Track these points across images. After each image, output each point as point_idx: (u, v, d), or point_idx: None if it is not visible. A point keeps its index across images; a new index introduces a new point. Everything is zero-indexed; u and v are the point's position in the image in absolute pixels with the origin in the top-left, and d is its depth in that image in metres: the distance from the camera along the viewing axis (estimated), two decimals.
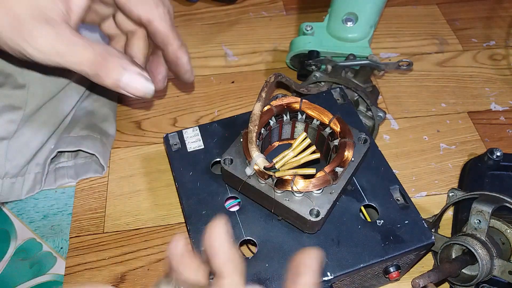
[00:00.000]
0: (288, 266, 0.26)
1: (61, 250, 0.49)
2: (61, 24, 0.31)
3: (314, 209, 0.35)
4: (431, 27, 0.72)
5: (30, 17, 0.30)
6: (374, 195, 0.40)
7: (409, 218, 0.39)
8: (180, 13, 0.74)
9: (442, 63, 0.67)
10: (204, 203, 0.40)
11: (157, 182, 0.54)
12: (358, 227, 0.38)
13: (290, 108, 0.41)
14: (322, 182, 0.36)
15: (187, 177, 0.42)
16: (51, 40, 0.31)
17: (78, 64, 0.32)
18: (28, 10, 0.30)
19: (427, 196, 0.53)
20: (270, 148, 0.44)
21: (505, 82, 0.64)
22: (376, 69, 0.55)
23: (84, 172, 0.54)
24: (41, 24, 0.31)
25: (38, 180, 0.52)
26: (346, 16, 0.59)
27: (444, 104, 0.62)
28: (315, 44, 0.58)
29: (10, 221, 0.51)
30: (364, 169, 0.42)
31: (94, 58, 0.32)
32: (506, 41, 0.70)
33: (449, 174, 0.54)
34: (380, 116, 0.52)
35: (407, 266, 0.42)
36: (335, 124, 0.40)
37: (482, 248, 0.39)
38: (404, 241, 0.37)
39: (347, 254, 0.37)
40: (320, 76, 0.53)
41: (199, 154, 0.43)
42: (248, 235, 0.38)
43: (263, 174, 0.36)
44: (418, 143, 0.58)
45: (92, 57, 0.32)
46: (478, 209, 0.40)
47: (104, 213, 0.51)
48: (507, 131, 0.59)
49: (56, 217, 0.51)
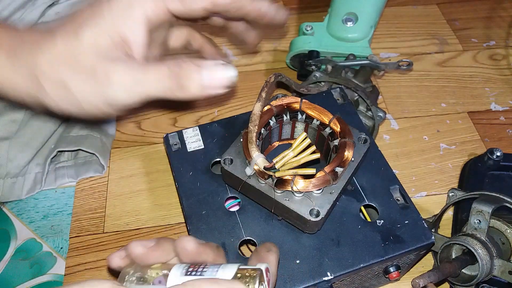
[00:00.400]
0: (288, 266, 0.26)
1: (61, 250, 0.49)
2: (128, 59, 0.32)
3: (314, 209, 0.35)
4: (431, 27, 0.72)
5: (100, 63, 0.31)
6: (374, 195, 0.40)
7: (409, 218, 0.39)
8: None
9: (442, 63, 0.67)
10: (204, 203, 0.40)
11: (157, 182, 0.54)
12: (358, 227, 0.38)
13: (290, 108, 0.41)
14: (322, 182, 0.36)
15: (187, 177, 0.42)
16: (127, 72, 0.31)
17: (159, 82, 0.31)
18: (95, 58, 0.31)
19: (427, 196, 0.53)
20: (270, 148, 0.44)
21: (505, 82, 0.64)
22: (376, 69, 0.55)
23: (84, 171, 0.54)
24: (112, 64, 0.31)
25: (38, 180, 0.52)
26: (346, 16, 0.59)
27: (444, 104, 0.62)
28: (315, 44, 0.58)
29: (10, 221, 0.51)
30: (364, 169, 0.42)
31: (170, 71, 0.31)
32: (506, 41, 0.70)
33: (449, 174, 0.54)
34: (380, 116, 0.52)
35: (407, 266, 0.42)
36: (335, 124, 0.40)
37: (482, 248, 0.39)
38: (404, 241, 0.37)
39: (347, 254, 0.37)
40: (320, 76, 0.53)
41: (199, 154, 0.43)
42: (248, 235, 0.38)
43: (263, 174, 0.36)
44: (418, 143, 0.58)
45: (168, 71, 0.31)
46: (478, 209, 0.40)
47: (104, 213, 0.51)
48: (507, 131, 0.59)
49: (56, 217, 0.51)
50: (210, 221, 0.39)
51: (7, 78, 0.33)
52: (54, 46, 0.31)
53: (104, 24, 0.31)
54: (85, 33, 0.31)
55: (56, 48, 0.31)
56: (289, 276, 0.36)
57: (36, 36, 0.33)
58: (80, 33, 0.31)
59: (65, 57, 0.31)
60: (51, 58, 0.31)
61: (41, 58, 0.31)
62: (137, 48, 0.32)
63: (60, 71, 0.31)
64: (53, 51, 0.31)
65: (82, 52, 0.31)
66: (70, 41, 0.31)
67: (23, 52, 0.32)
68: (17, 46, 0.32)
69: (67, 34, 0.31)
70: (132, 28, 0.32)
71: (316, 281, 0.35)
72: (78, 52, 0.31)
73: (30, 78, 0.32)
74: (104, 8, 0.31)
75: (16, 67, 0.32)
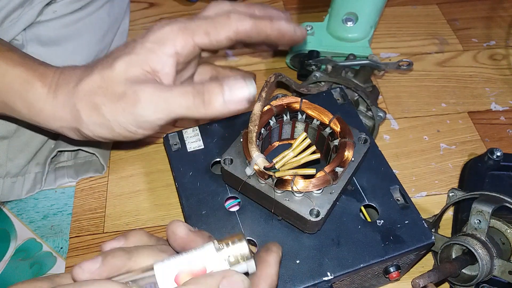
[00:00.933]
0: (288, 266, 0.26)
1: (61, 250, 0.49)
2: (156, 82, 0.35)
3: (314, 209, 0.35)
4: (431, 27, 0.72)
5: (130, 87, 0.34)
6: (374, 195, 0.40)
7: (409, 218, 0.39)
8: (180, 13, 0.74)
9: (442, 63, 0.67)
10: (204, 203, 0.40)
11: (157, 182, 0.54)
12: (358, 227, 0.38)
13: (290, 108, 0.41)
14: (322, 182, 0.36)
15: (187, 177, 0.42)
16: (154, 91, 0.34)
17: (185, 100, 0.34)
18: (126, 84, 0.34)
19: (427, 196, 0.53)
20: (270, 148, 0.44)
21: (505, 82, 0.64)
22: (376, 69, 0.55)
23: (84, 171, 0.54)
24: (141, 85, 0.34)
25: (38, 179, 0.52)
26: (346, 16, 0.59)
27: (444, 104, 0.62)
28: (315, 44, 0.58)
29: (10, 221, 0.51)
30: (364, 169, 0.42)
31: (194, 89, 0.34)
32: (506, 41, 0.69)
33: (449, 174, 0.54)
34: (380, 116, 0.51)
35: (407, 266, 0.42)
36: (335, 124, 0.40)
37: (482, 248, 0.39)
38: (404, 241, 0.37)
39: (347, 254, 0.37)
40: (320, 76, 0.53)
41: (199, 154, 0.43)
42: (248, 235, 0.38)
43: (263, 174, 0.36)
44: (418, 143, 0.58)
45: (192, 89, 0.34)
46: (478, 209, 0.40)
47: (104, 213, 0.51)
48: (507, 131, 0.59)
49: (56, 217, 0.51)
50: (210, 221, 0.39)
51: (47, 111, 0.36)
52: (91, 77, 0.35)
53: (136, 58, 0.35)
54: (118, 64, 0.35)
55: (93, 79, 0.35)
56: (289, 276, 0.36)
57: (76, 71, 0.37)
58: (114, 64, 0.35)
59: (99, 85, 0.35)
60: (88, 87, 0.35)
61: (80, 88, 0.35)
62: (166, 78, 0.36)
63: (94, 97, 0.35)
64: (90, 81, 0.35)
65: (115, 79, 0.34)
66: (105, 72, 0.35)
67: (64, 85, 0.36)
68: (58, 80, 0.36)
69: (103, 67, 0.35)
70: (163, 61, 0.35)
71: (316, 281, 0.35)
72: (111, 80, 0.35)
73: (69, 108, 0.36)
74: (138, 45, 0.35)
75: (56, 100, 0.36)
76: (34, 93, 0.36)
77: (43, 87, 0.36)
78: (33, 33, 0.47)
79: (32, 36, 0.47)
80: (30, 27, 0.47)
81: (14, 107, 0.38)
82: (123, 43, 0.37)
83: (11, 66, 0.37)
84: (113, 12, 0.56)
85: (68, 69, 0.38)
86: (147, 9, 0.75)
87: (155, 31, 0.36)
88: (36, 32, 0.47)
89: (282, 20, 0.37)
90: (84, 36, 0.52)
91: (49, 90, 0.36)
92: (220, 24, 0.35)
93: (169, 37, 0.35)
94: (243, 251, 0.28)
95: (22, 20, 0.45)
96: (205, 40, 0.36)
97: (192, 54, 0.37)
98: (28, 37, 0.47)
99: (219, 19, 0.36)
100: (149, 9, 0.75)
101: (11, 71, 0.37)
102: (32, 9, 0.45)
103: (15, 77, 0.37)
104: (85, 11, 0.51)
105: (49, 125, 0.38)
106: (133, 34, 0.70)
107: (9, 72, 0.37)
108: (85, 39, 0.52)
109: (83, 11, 0.51)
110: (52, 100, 0.36)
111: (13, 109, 0.38)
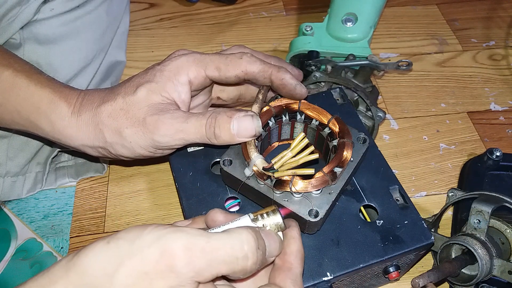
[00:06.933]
0: None
1: (62, 250, 0.49)
2: (174, 110, 0.38)
3: (313, 209, 0.35)
4: (431, 27, 0.72)
5: (150, 115, 0.37)
6: (373, 195, 0.40)
7: (408, 218, 0.39)
8: (180, 13, 0.75)
9: (442, 63, 0.67)
10: (204, 203, 0.40)
11: (157, 182, 0.54)
12: (357, 227, 0.38)
13: (289, 109, 0.41)
14: (321, 183, 0.36)
15: (187, 178, 0.42)
16: (172, 122, 0.37)
17: (198, 132, 0.37)
18: (147, 110, 0.38)
19: (427, 196, 0.53)
20: (269, 149, 0.45)
21: (505, 82, 0.64)
22: (376, 69, 0.55)
23: (85, 171, 0.54)
24: (160, 115, 0.37)
25: (39, 179, 0.52)
26: (345, 16, 0.59)
27: (444, 104, 0.62)
28: (315, 45, 0.58)
29: (10, 221, 0.51)
30: (364, 169, 0.42)
31: (207, 121, 0.37)
32: (506, 41, 0.70)
33: (449, 174, 0.54)
34: (380, 116, 0.52)
35: (406, 266, 0.42)
36: (334, 124, 0.40)
37: (481, 248, 0.40)
38: (404, 241, 0.38)
39: (347, 254, 0.37)
40: (320, 76, 0.53)
41: (199, 155, 0.43)
42: None
43: (262, 175, 0.36)
44: (417, 143, 0.58)
45: (205, 121, 0.37)
46: (477, 209, 0.40)
47: (104, 213, 0.52)
48: (506, 131, 0.59)
49: (57, 217, 0.51)
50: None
51: (70, 129, 0.39)
52: (115, 101, 0.38)
53: (156, 86, 0.38)
54: (140, 90, 0.38)
55: (116, 103, 0.38)
56: None
57: (100, 93, 0.40)
58: (137, 91, 0.38)
59: (122, 109, 0.38)
60: (111, 110, 0.38)
61: (104, 111, 0.38)
62: (182, 104, 0.39)
63: (117, 121, 0.38)
64: (113, 105, 0.38)
65: (137, 105, 0.38)
66: (128, 97, 0.38)
67: (88, 105, 0.39)
68: (82, 101, 0.40)
69: (126, 92, 0.39)
70: (179, 90, 0.39)
71: (316, 281, 0.36)
72: (133, 105, 0.38)
73: (92, 127, 0.39)
74: (157, 74, 0.39)
75: (80, 119, 0.39)
76: (59, 113, 0.39)
77: (68, 107, 0.39)
78: (31, 31, 0.47)
79: (30, 35, 0.47)
80: (27, 26, 0.47)
81: (39, 125, 0.40)
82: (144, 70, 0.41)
83: (39, 88, 0.40)
84: (111, 11, 0.56)
85: (92, 91, 0.41)
86: (148, 10, 0.76)
87: (173, 60, 0.39)
88: (34, 30, 0.47)
89: (288, 74, 0.40)
90: (82, 34, 0.52)
91: (73, 110, 0.39)
92: (231, 63, 0.39)
93: (184, 66, 0.39)
94: (277, 220, 0.31)
95: (19, 19, 0.45)
96: (215, 74, 0.39)
97: (203, 84, 0.40)
98: (25, 36, 0.47)
99: (232, 57, 0.39)
100: (149, 10, 0.76)
101: (39, 92, 0.39)
102: (29, 8, 0.45)
103: (43, 97, 0.39)
104: (83, 10, 0.51)
105: (71, 143, 0.40)
106: (133, 34, 0.70)
107: (37, 93, 0.39)
108: (83, 37, 0.52)
109: (81, 10, 0.51)
110: (76, 120, 0.39)
111: (37, 126, 0.40)
